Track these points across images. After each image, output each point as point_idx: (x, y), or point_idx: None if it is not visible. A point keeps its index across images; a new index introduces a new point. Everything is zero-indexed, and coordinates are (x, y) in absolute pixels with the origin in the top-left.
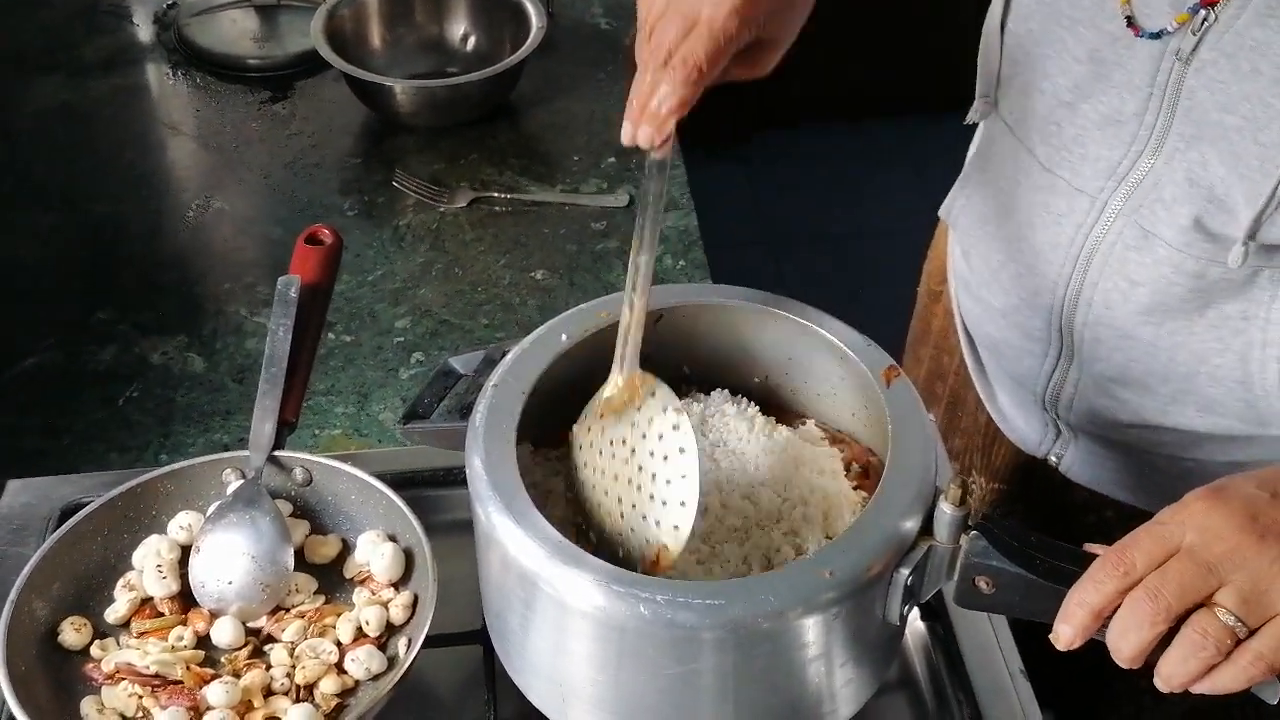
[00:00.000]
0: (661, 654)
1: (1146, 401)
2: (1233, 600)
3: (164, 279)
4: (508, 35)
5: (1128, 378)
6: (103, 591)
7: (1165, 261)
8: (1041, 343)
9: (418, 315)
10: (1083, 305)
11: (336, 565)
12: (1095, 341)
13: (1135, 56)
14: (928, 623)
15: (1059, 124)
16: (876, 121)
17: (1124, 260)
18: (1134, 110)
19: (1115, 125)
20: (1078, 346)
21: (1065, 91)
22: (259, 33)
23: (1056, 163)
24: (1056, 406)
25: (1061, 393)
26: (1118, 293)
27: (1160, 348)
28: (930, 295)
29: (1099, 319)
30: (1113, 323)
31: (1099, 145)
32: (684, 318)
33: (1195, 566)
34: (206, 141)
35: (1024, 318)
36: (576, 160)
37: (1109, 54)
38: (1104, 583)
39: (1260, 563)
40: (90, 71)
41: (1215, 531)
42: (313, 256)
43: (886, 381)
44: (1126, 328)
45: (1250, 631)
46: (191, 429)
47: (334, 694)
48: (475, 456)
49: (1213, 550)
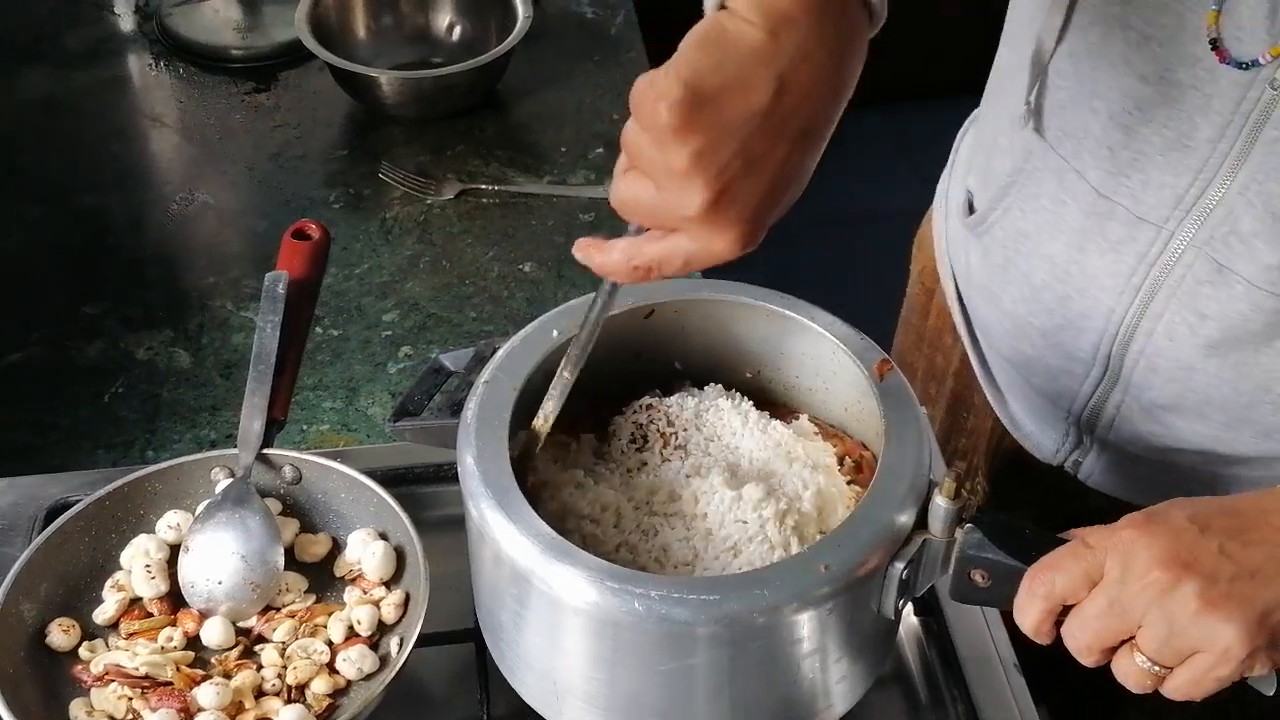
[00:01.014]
0: (656, 650)
1: (1199, 427)
2: (1150, 645)
3: (149, 273)
4: (494, 25)
5: (1182, 405)
6: (91, 592)
7: (1242, 298)
8: (1084, 364)
9: (405, 309)
10: (1140, 335)
11: (327, 564)
12: (1150, 371)
13: (1216, 80)
14: (922, 618)
15: (1112, 148)
16: (867, 108)
17: (1194, 294)
18: (1207, 136)
19: (1182, 150)
20: (1128, 373)
21: (1124, 113)
22: (242, 23)
23: (1113, 189)
24: (1092, 425)
25: (1100, 414)
26: (1184, 325)
27: (1223, 378)
28: (924, 293)
29: (1158, 350)
30: (1173, 354)
31: (1162, 171)
32: (675, 312)
33: (1111, 610)
34: (190, 133)
35: (1067, 339)
36: (564, 151)
37: (1184, 75)
38: (1029, 606)
39: (1176, 600)
40: (72, 63)
41: (1136, 567)
42: (300, 252)
43: (880, 376)
44: (1188, 360)
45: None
46: (178, 425)
47: (326, 694)
48: (467, 453)
49: (1130, 588)
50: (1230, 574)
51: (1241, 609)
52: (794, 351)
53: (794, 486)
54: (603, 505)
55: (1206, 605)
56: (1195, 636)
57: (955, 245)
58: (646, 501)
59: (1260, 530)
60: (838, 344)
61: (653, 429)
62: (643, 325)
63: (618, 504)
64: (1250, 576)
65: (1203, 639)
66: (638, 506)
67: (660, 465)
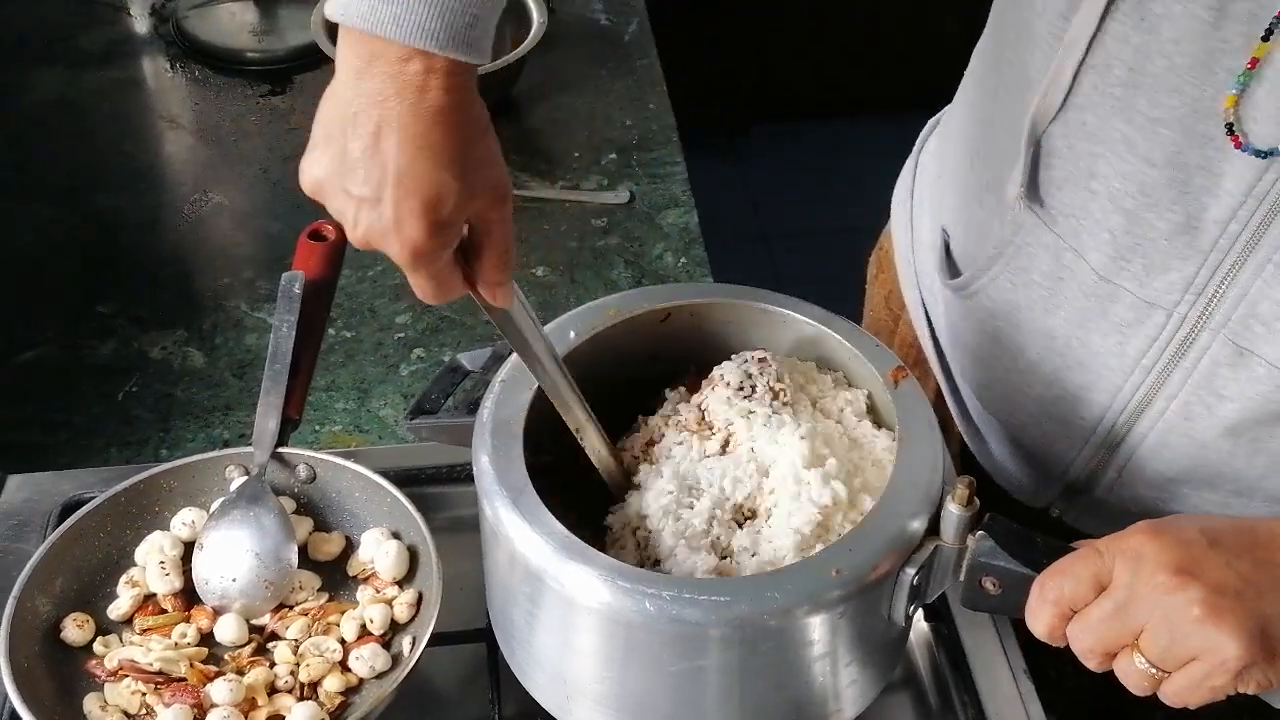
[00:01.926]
0: (667, 650)
1: (1207, 495)
2: (1151, 649)
3: (163, 273)
4: (508, 31)
5: (1191, 476)
6: (105, 588)
7: (1265, 380)
8: (1084, 432)
9: (418, 311)
10: (1152, 412)
11: (340, 562)
12: (1161, 445)
13: (1228, 159)
14: (932, 623)
15: (1113, 232)
16: (874, 117)
17: (1211, 375)
18: (1215, 217)
19: (1189, 233)
20: (1134, 445)
21: (1127, 197)
22: (258, 26)
23: (1115, 272)
24: (1088, 487)
25: (1098, 478)
26: (1200, 405)
27: (1237, 454)
28: (890, 319)
29: (1171, 427)
30: (1187, 431)
31: (1167, 256)
32: (691, 315)
33: (1116, 614)
34: (205, 135)
35: (1066, 409)
36: (577, 157)
37: (1193, 157)
38: (1040, 611)
39: (1179, 605)
40: (88, 63)
41: (1144, 570)
42: (316, 252)
43: (894, 382)
44: (1203, 437)
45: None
46: (191, 424)
47: (338, 692)
48: (483, 453)
49: (1136, 592)
50: (1235, 587)
51: (1242, 622)
52: (808, 356)
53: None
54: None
55: (1208, 614)
56: (1194, 644)
57: (932, 295)
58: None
59: (1270, 550)
60: (853, 349)
61: (762, 381)
62: (659, 328)
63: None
64: (1255, 593)
65: (1201, 648)
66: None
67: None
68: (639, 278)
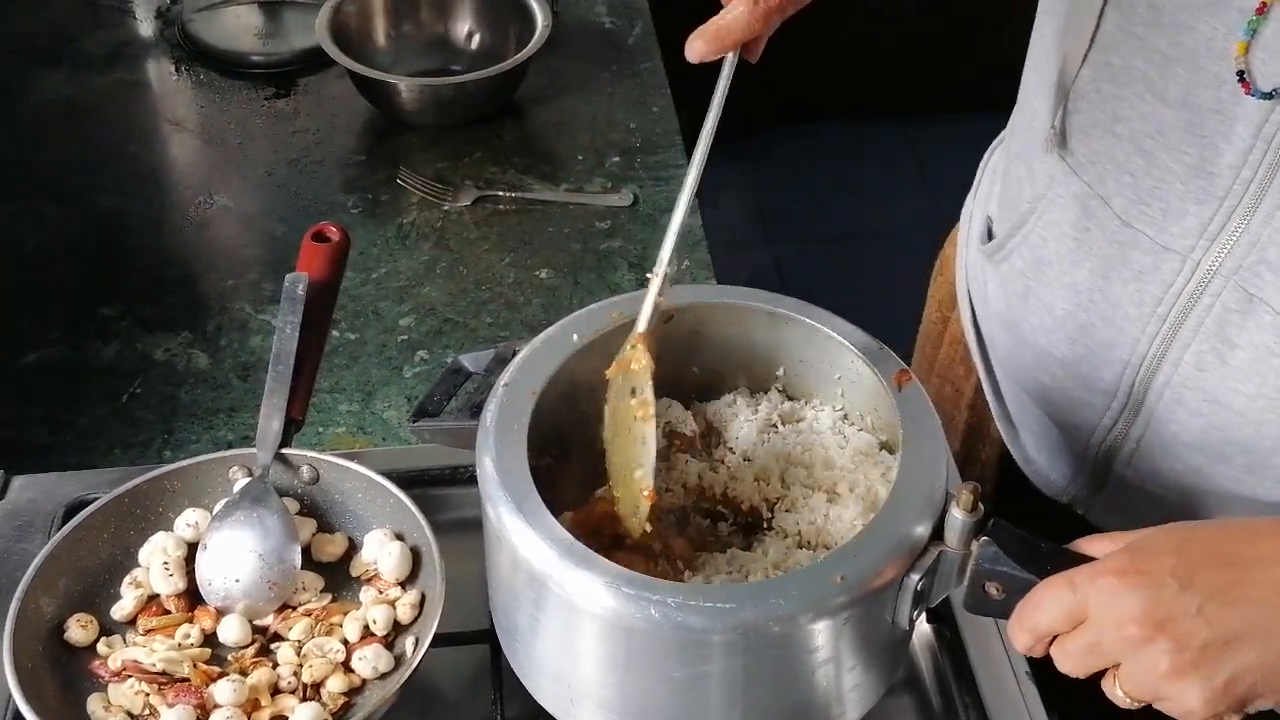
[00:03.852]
0: (671, 657)
1: (1219, 469)
2: (1125, 684)
3: (167, 275)
4: (513, 33)
5: (1205, 444)
6: (109, 588)
7: (1271, 328)
8: (1106, 395)
9: (422, 313)
10: (1167, 365)
11: (343, 564)
12: (1175, 403)
13: (1240, 103)
14: (934, 625)
15: (1134, 174)
16: (881, 120)
17: (1222, 322)
18: (1229, 162)
19: (1204, 177)
20: (1151, 405)
21: (1145, 137)
22: (263, 29)
23: (1135, 216)
24: (1108, 461)
25: (1119, 449)
26: (1212, 354)
27: (1248, 418)
28: (940, 322)
29: (1185, 380)
30: (1201, 385)
31: (1183, 200)
32: (694, 318)
33: (1091, 650)
34: (210, 138)
35: (1089, 369)
36: (581, 159)
37: (1207, 98)
38: (1017, 635)
39: (1147, 658)
40: (93, 66)
41: (1113, 617)
42: (320, 254)
43: (898, 385)
44: (1215, 392)
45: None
46: (195, 426)
47: (341, 693)
48: (486, 456)
49: (1107, 636)
50: (1203, 640)
51: (1208, 678)
52: (813, 360)
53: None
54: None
55: (1174, 670)
56: (1163, 692)
57: (973, 272)
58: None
59: (1246, 587)
60: (856, 353)
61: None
62: (662, 330)
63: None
64: (1224, 642)
65: (1169, 697)
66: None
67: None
68: (642, 280)
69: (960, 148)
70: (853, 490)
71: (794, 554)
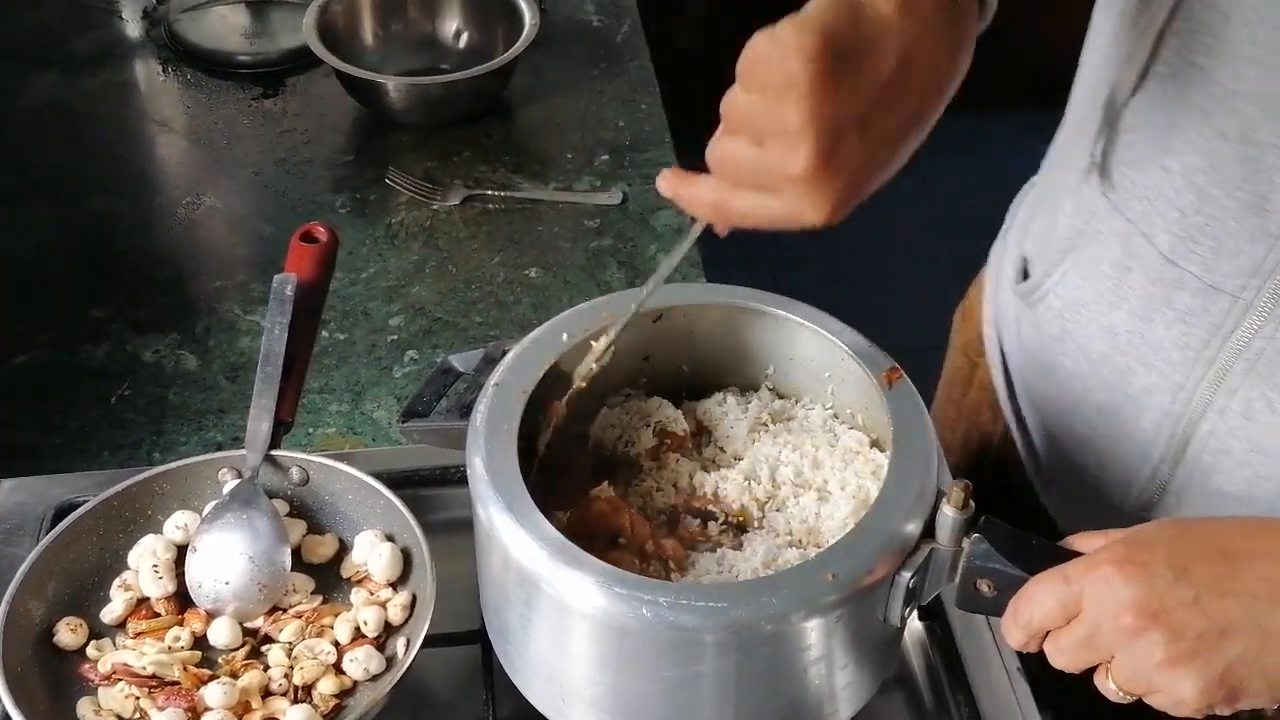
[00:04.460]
0: (663, 656)
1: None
2: (1119, 677)
3: (156, 276)
4: (500, 32)
5: (1251, 496)
6: (98, 592)
7: None
8: (1144, 445)
9: (411, 313)
10: (1212, 413)
11: (334, 565)
12: (1220, 453)
13: None
14: (926, 622)
15: (1184, 210)
16: None
17: (1275, 367)
18: None
19: (1260, 215)
20: (1194, 455)
21: (1198, 173)
22: (250, 29)
23: (1182, 255)
24: (1146, 514)
25: (1157, 502)
26: (1263, 402)
27: None
28: (967, 366)
29: (1231, 429)
30: (1249, 435)
31: (1235, 237)
32: (684, 317)
33: (1085, 644)
34: (197, 138)
35: (1128, 416)
36: (570, 158)
37: (1267, 134)
38: (1011, 631)
39: (1142, 649)
40: (81, 67)
41: (1108, 608)
42: (308, 254)
43: (888, 383)
44: (1264, 442)
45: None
46: (185, 427)
47: (332, 694)
48: (476, 457)
49: (1102, 629)
50: (1198, 630)
51: (1202, 669)
52: (802, 358)
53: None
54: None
55: (1168, 660)
56: (1157, 682)
57: (1005, 315)
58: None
59: (1241, 580)
60: (846, 350)
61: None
62: (652, 329)
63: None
64: (1219, 633)
65: (1163, 688)
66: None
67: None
68: (632, 279)
69: (952, 143)
70: (843, 488)
71: (785, 553)
